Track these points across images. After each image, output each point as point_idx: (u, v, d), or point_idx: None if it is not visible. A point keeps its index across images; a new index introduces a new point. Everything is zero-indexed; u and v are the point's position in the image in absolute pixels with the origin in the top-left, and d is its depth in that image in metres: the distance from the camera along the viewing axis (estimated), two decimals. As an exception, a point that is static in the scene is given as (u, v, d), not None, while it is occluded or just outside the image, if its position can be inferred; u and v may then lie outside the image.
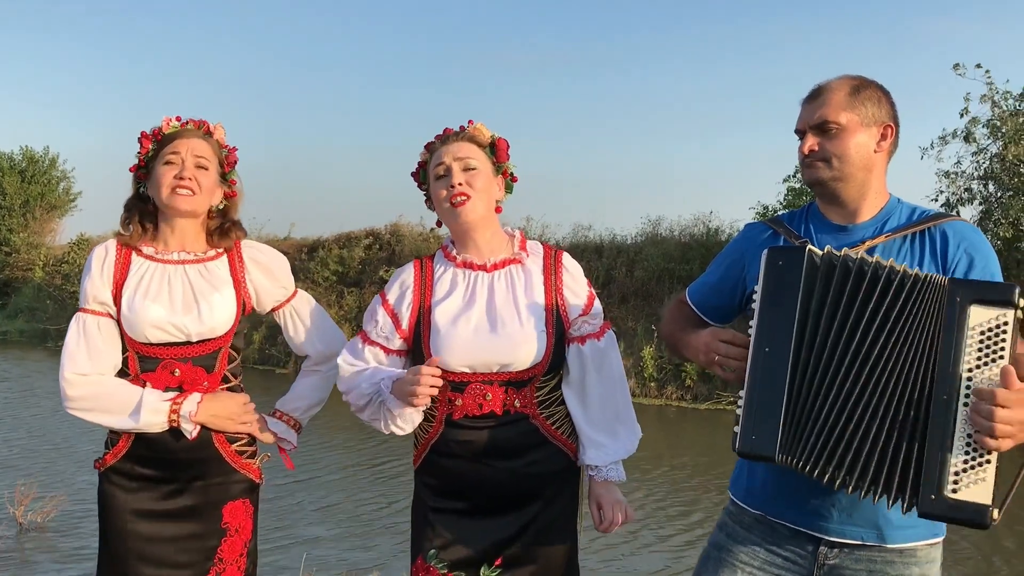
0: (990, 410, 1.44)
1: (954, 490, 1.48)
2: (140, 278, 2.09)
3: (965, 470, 1.48)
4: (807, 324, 1.65)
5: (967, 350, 1.51)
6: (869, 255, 1.76)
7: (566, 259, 2.11)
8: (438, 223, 2.11)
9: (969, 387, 1.50)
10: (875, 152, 1.82)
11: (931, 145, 12.81)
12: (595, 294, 2.12)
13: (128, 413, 2.01)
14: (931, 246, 1.79)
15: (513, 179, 2.14)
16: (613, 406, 2.08)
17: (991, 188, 12.31)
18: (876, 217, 1.86)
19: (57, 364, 2.08)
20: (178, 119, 2.16)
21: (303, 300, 2.31)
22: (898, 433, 1.55)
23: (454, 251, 2.09)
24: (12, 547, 5.91)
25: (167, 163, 2.09)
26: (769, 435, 1.62)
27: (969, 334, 1.51)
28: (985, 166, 12.29)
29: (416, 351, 2.02)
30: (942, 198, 12.53)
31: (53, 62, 51.86)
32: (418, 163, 2.13)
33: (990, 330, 1.50)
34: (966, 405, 1.49)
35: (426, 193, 2.12)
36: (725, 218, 16.93)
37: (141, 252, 2.13)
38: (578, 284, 2.09)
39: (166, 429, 2.05)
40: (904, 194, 1.91)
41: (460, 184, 1.99)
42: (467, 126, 2.08)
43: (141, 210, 2.16)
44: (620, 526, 2.08)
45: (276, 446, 2.26)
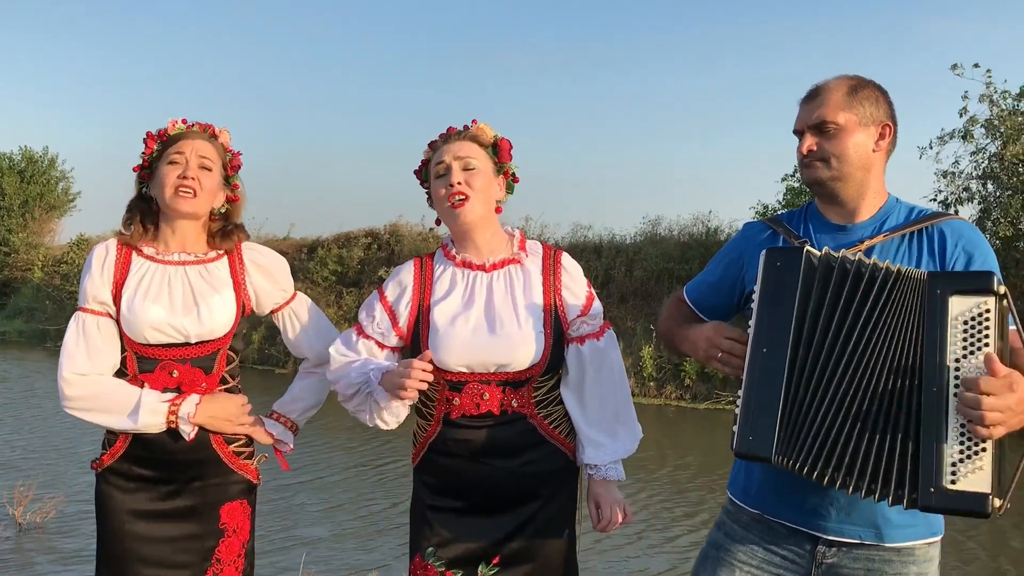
0: (977, 399, 1.45)
1: (953, 481, 1.47)
2: (140, 278, 2.09)
3: (962, 460, 1.47)
4: (804, 325, 1.65)
5: (952, 341, 1.52)
6: (867, 255, 1.76)
7: (565, 259, 2.11)
8: (438, 221, 2.11)
9: (958, 377, 1.50)
10: (873, 152, 1.83)
11: (929, 145, 12.83)
12: (594, 294, 2.11)
13: (126, 413, 2.01)
14: (929, 245, 1.80)
15: (515, 180, 2.13)
16: (613, 406, 2.08)
17: (990, 187, 12.32)
18: (875, 217, 1.86)
19: (56, 364, 2.08)
20: (184, 121, 2.17)
21: (302, 302, 2.31)
22: (892, 429, 1.56)
23: (454, 250, 2.09)
24: (11, 548, 5.90)
25: (171, 163, 2.09)
26: (766, 436, 1.63)
27: (952, 324, 1.52)
28: (984, 166, 12.30)
29: (414, 350, 2.02)
30: (940, 197, 12.54)
31: (53, 62, 51.92)
32: (421, 161, 2.13)
33: (973, 319, 1.51)
34: (956, 395, 1.50)
35: (428, 191, 2.12)
36: (724, 218, 16.92)
37: (142, 252, 2.13)
38: (577, 284, 2.08)
39: (164, 430, 2.04)
40: (903, 194, 1.92)
41: (458, 184, 1.99)
42: (471, 125, 2.08)
43: (143, 210, 2.16)
44: (619, 526, 2.08)
45: (272, 447, 2.26)
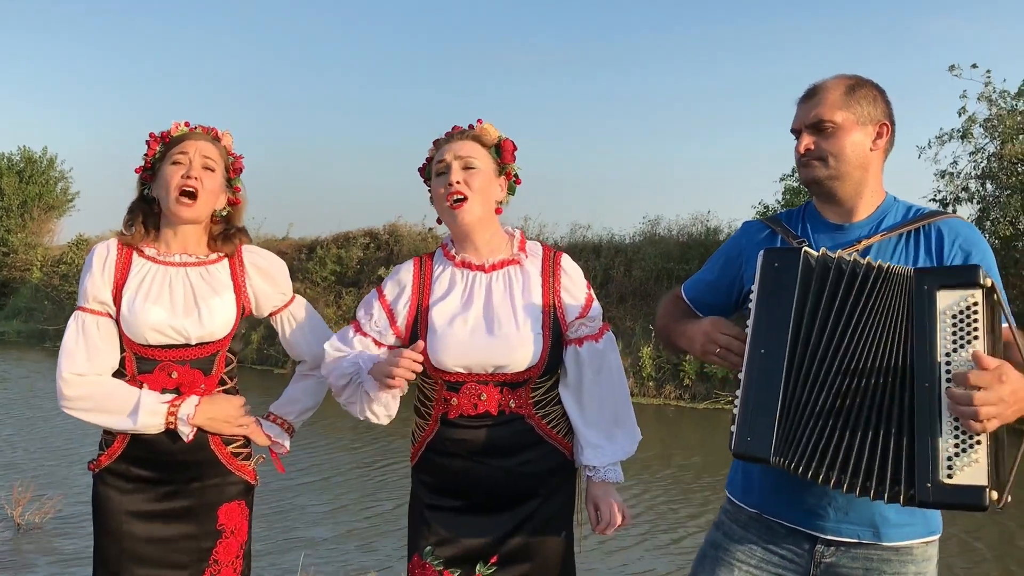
0: (967, 395, 1.45)
1: (949, 475, 1.48)
2: (141, 279, 2.09)
3: (957, 454, 1.48)
4: (802, 326, 1.65)
5: (942, 335, 1.52)
6: (865, 254, 1.76)
7: (565, 261, 2.10)
8: (439, 220, 2.11)
9: (949, 371, 1.51)
10: (871, 151, 1.83)
11: (928, 144, 12.84)
12: (594, 296, 2.11)
13: (126, 414, 2.01)
14: (926, 243, 1.80)
15: (517, 181, 2.13)
16: (612, 408, 2.07)
17: (989, 187, 12.32)
18: (872, 216, 1.86)
19: (55, 364, 2.08)
20: (187, 124, 2.17)
21: (300, 305, 2.32)
22: (886, 427, 1.56)
23: (453, 250, 2.09)
24: (10, 549, 5.89)
25: (174, 163, 2.10)
26: (764, 437, 1.63)
27: (941, 319, 1.53)
28: (983, 165, 12.30)
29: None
30: (939, 197, 12.54)
31: (53, 62, 51.82)
32: (426, 159, 2.13)
33: (961, 312, 1.51)
34: (948, 389, 1.50)
35: (430, 189, 2.12)
36: (724, 217, 16.88)
37: (143, 253, 2.13)
38: (576, 286, 2.08)
39: (162, 431, 2.04)
40: (903, 194, 1.92)
41: (457, 183, 1.99)
42: (476, 125, 2.08)
43: (145, 211, 2.16)
44: (617, 528, 2.07)
45: (268, 448, 2.26)
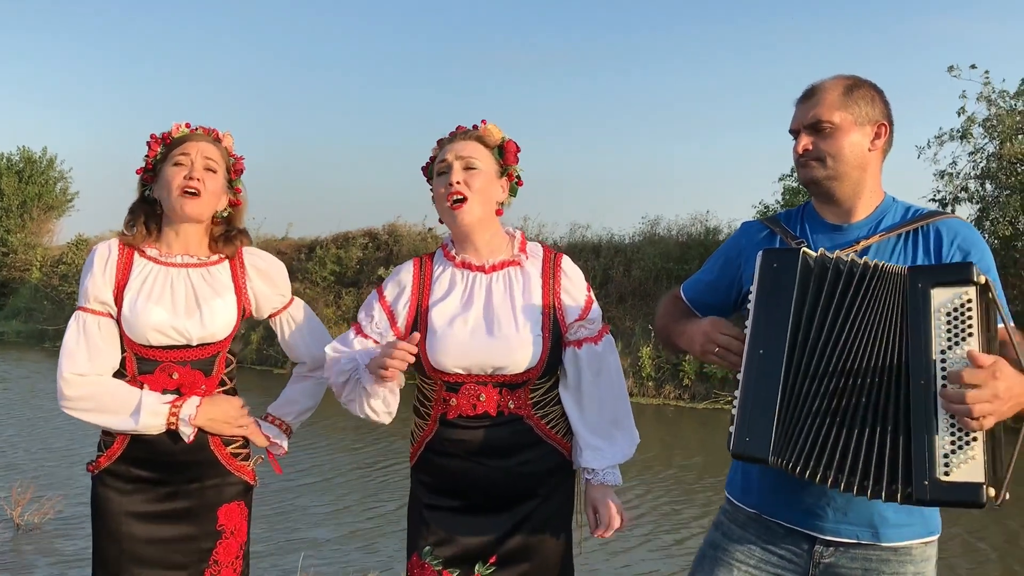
0: (961, 393, 1.45)
1: (946, 473, 1.48)
2: (143, 280, 2.09)
3: (954, 451, 1.48)
4: (800, 326, 1.65)
5: (937, 333, 1.52)
6: (864, 254, 1.77)
7: (565, 262, 2.10)
8: (440, 220, 2.11)
9: (944, 368, 1.51)
10: (869, 151, 1.83)
11: (928, 144, 12.84)
12: (593, 298, 2.10)
13: (127, 414, 2.01)
14: (925, 244, 1.80)
15: (519, 183, 2.13)
16: (611, 410, 2.08)
17: (988, 187, 12.31)
18: (871, 216, 1.86)
19: (55, 365, 2.07)
20: (187, 125, 2.17)
21: (299, 307, 2.33)
22: (883, 426, 1.56)
23: (453, 251, 2.09)
24: (9, 549, 5.88)
25: (176, 164, 2.10)
26: (762, 437, 1.63)
27: (936, 317, 1.53)
28: (982, 165, 12.30)
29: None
30: (939, 197, 12.54)
31: (53, 62, 51.84)
32: (429, 158, 2.13)
33: (955, 309, 1.52)
34: (944, 387, 1.50)
35: (432, 188, 2.12)
36: (723, 217, 16.89)
37: (144, 253, 2.13)
38: (576, 288, 2.08)
39: (163, 431, 2.04)
40: (902, 194, 1.92)
41: (457, 183, 1.99)
42: (480, 125, 2.08)
43: (147, 212, 2.16)
44: (616, 531, 2.07)
45: (265, 449, 2.27)
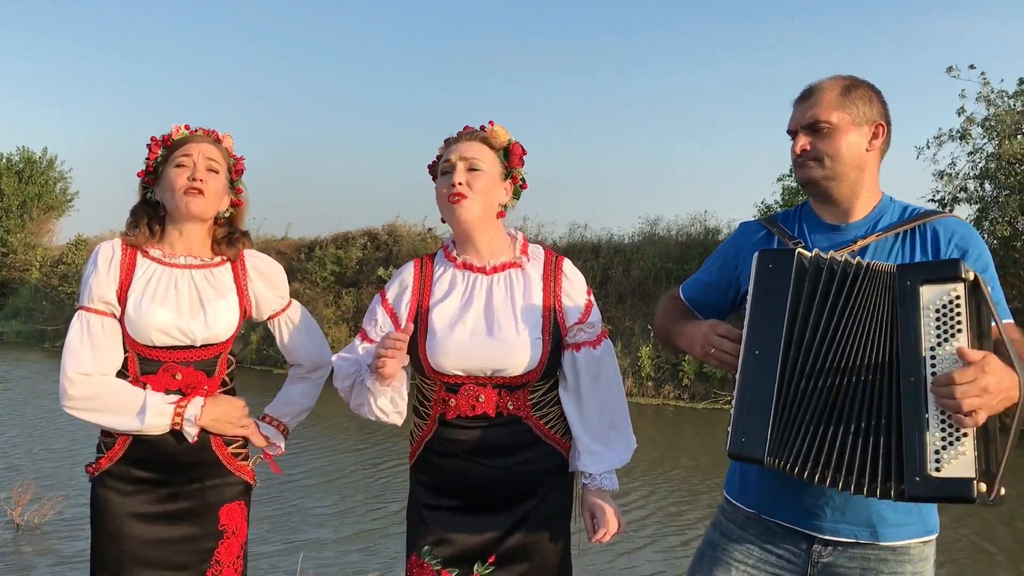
0: (950, 388, 1.46)
1: (937, 468, 1.48)
2: (147, 280, 2.09)
3: (944, 447, 1.48)
4: (796, 327, 1.66)
5: (926, 329, 1.53)
6: (861, 254, 1.77)
7: (566, 266, 2.11)
8: (442, 219, 2.10)
9: (934, 365, 1.52)
10: (867, 151, 1.83)
11: (927, 145, 12.84)
12: (594, 302, 2.11)
13: (133, 414, 2.00)
14: (922, 243, 1.80)
15: (523, 186, 2.13)
16: (609, 415, 2.08)
17: (987, 187, 12.32)
18: (869, 216, 1.86)
19: (55, 365, 2.07)
20: (187, 127, 2.18)
21: (297, 309, 2.35)
22: (876, 423, 1.56)
23: (454, 252, 2.09)
24: (10, 550, 5.88)
25: (179, 165, 2.10)
26: (759, 438, 1.63)
27: (925, 313, 1.54)
28: (981, 165, 12.30)
29: (412, 351, 2.02)
30: (938, 198, 12.54)
31: (53, 62, 51.80)
32: (436, 156, 2.13)
33: (944, 306, 1.52)
34: (934, 383, 1.51)
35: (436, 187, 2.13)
36: (723, 217, 16.91)
37: (147, 254, 2.13)
38: (577, 291, 2.08)
39: (167, 432, 2.04)
40: (902, 194, 1.92)
41: (459, 184, 1.99)
42: (487, 126, 2.08)
43: (149, 214, 2.17)
44: (613, 535, 2.07)
45: (262, 450, 2.27)
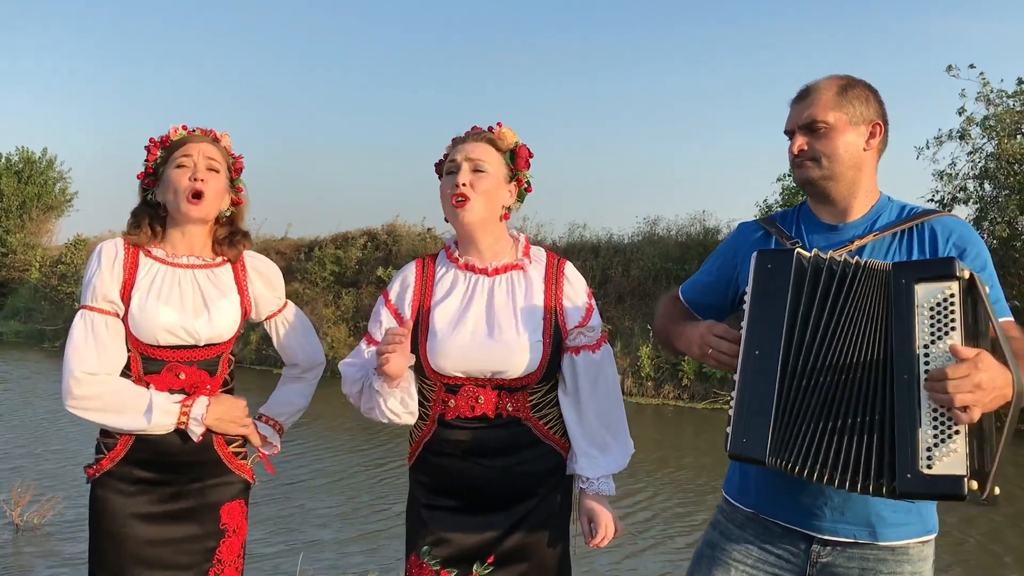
0: (943, 384, 1.46)
1: (928, 465, 1.49)
2: (151, 280, 2.08)
3: (936, 444, 1.49)
4: (795, 327, 1.66)
5: (920, 327, 1.54)
6: (859, 253, 1.77)
7: (568, 269, 2.11)
8: (446, 219, 2.11)
9: (927, 362, 1.52)
10: (864, 150, 1.83)
11: (927, 145, 12.84)
12: (594, 306, 2.11)
13: (140, 413, 2.00)
14: (920, 242, 1.81)
15: (528, 189, 2.13)
16: (607, 419, 2.08)
17: (987, 187, 12.32)
18: (866, 215, 1.87)
19: (55, 365, 2.08)
20: (184, 127, 2.18)
21: (292, 310, 2.37)
22: (871, 421, 1.57)
23: (456, 252, 2.10)
24: (9, 551, 5.87)
25: (179, 166, 2.10)
26: (759, 438, 1.63)
27: (919, 311, 1.54)
28: (980, 165, 12.30)
29: (412, 351, 2.01)
30: (937, 198, 12.54)
31: (53, 62, 51.77)
32: (443, 155, 2.13)
33: (938, 304, 1.53)
34: (927, 380, 1.51)
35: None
36: (723, 217, 16.93)
37: (150, 253, 2.13)
38: (578, 295, 2.08)
39: (171, 431, 2.05)
40: (901, 194, 1.92)
41: (463, 184, 1.99)
42: (495, 128, 2.09)
43: (151, 215, 2.17)
44: (611, 540, 2.07)
45: (257, 449, 2.27)
